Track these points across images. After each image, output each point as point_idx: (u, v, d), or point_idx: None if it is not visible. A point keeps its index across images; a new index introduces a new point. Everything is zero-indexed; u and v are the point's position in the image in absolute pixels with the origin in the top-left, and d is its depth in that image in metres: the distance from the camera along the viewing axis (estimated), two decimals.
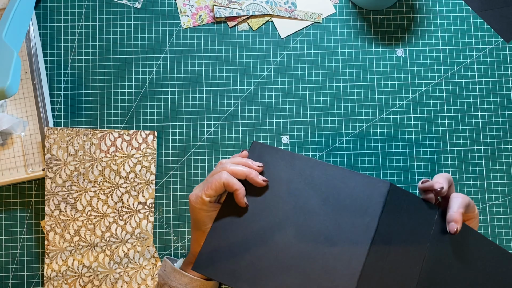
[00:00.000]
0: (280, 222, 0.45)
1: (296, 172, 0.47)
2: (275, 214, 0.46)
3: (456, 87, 0.70)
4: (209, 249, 0.45)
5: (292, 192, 0.46)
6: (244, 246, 0.45)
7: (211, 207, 0.47)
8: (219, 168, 0.47)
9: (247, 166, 0.47)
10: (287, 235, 0.45)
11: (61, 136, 0.66)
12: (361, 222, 0.44)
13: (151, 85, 0.69)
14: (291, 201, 0.46)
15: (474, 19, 0.71)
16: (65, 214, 0.66)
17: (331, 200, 0.45)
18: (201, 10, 0.70)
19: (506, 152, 0.70)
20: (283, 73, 0.70)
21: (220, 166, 0.47)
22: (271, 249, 0.44)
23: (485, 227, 0.69)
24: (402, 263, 0.43)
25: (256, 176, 0.46)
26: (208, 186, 0.46)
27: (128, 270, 0.66)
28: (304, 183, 0.46)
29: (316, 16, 0.71)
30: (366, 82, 0.70)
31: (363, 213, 0.44)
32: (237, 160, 0.48)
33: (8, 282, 0.66)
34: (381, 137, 0.69)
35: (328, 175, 0.46)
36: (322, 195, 0.46)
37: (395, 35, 0.71)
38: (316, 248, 0.44)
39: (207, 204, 0.46)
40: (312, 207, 0.45)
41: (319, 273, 0.43)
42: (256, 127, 0.69)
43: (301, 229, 0.45)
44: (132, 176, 0.67)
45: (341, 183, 0.46)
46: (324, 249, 0.44)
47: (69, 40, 0.69)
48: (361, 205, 0.45)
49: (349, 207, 0.45)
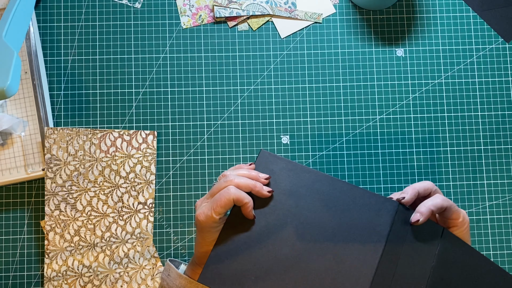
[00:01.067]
0: (288, 236, 0.45)
1: (304, 185, 0.46)
2: (282, 227, 0.45)
3: (456, 87, 0.70)
4: (215, 261, 0.45)
5: (300, 205, 0.46)
6: (251, 258, 0.44)
7: (220, 223, 0.46)
8: (224, 182, 0.45)
9: (253, 179, 0.46)
10: (294, 249, 0.44)
11: (61, 136, 0.66)
12: (369, 240, 0.44)
13: (151, 85, 0.69)
14: (298, 215, 0.45)
15: (474, 19, 0.71)
16: (65, 214, 0.65)
17: (339, 216, 0.45)
18: (201, 10, 0.70)
19: (506, 152, 0.70)
20: (283, 73, 0.70)
21: (225, 180, 0.45)
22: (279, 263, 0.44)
23: (485, 227, 0.69)
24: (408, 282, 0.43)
25: (261, 189, 0.45)
26: (217, 204, 0.44)
27: (128, 270, 0.66)
28: (312, 197, 0.46)
29: (316, 16, 0.71)
30: (366, 82, 0.70)
31: (371, 231, 0.44)
32: (242, 172, 0.46)
33: (8, 282, 0.66)
34: (381, 137, 0.69)
35: (336, 190, 0.46)
36: (329, 211, 0.45)
37: (395, 35, 0.71)
38: (324, 265, 0.43)
39: (217, 221, 0.45)
40: (320, 223, 0.45)
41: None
42: (256, 127, 0.69)
43: (309, 244, 0.44)
44: (132, 176, 0.67)
45: (350, 199, 0.45)
46: (332, 265, 0.43)
47: (69, 40, 0.69)
48: (370, 222, 0.44)
49: (357, 225, 0.44)
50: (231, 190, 0.44)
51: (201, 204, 0.46)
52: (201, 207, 0.46)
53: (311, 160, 0.69)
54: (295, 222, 0.45)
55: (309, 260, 0.44)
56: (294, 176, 0.47)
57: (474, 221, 0.69)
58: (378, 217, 0.44)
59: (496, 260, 0.68)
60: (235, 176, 0.45)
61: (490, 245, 0.68)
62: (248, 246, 0.45)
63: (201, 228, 0.46)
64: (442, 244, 0.45)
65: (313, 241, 0.44)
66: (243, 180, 0.45)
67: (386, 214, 0.44)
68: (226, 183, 0.45)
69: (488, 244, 0.68)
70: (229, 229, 0.46)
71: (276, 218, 0.45)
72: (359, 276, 0.43)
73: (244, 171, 0.46)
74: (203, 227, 0.45)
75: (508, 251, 0.68)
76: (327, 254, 0.44)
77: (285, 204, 0.46)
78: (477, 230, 0.69)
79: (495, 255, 0.68)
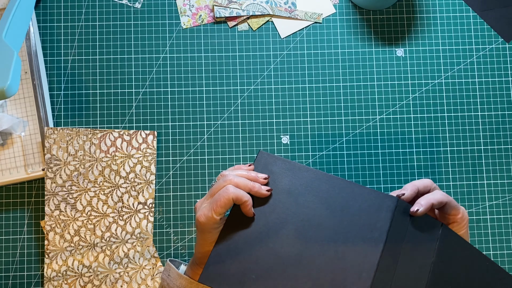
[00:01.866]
0: (288, 234, 0.45)
1: (303, 183, 0.46)
2: (282, 226, 0.45)
3: (456, 87, 0.70)
4: (216, 261, 0.45)
5: (300, 204, 0.46)
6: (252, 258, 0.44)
7: (221, 223, 0.46)
8: (222, 182, 0.45)
9: (251, 179, 0.46)
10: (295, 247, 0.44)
11: (61, 136, 0.66)
12: (370, 236, 0.44)
13: (151, 85, 0.69)
14: (298, 213, 0.45)
15: (474, 19, 0.71)
16: (65, 214, 0.65)
17: (339, 213, 0.45)
18: (201, 10, 0.70)
19: (506, 152, 0.70)
20: (283, 73, 0.70)
21: (223, 179, 0.45)
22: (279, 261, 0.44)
23: (485, 227, 0.69)
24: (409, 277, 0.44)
25: (260, 189, 0.45)
26: (217, 204, 0.44)
27: (128, 270, 0.66)
28: (311, 195, 0.46)
29: (316, 16, 0.71)
30: (366, 82, 0.70)
31: (372, 227, 0.44)
32: (240, 172, 0.46)
33: (8, 282, 0.66)
34: (381, 137, 0.69)
35: (335, 188, 0.46)
36: (329, 208, 0.45)
37: (395, 35, 0.71)
38: (325, 262, 0.44)
39: (218, 222, 0.45)
40: (320, 220, 0.45)
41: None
42: (256, 127, 0.69)
43: (310, 242, 0.44)
44: (132, 176, 0.67)
45: (349, 196, 0.45)
46: (334, 262, 0.43)
47: (69, 40, 0.69)
48: (370, 219, 0.44)
49: (357, 221, 0.45)
50: (230, 189, 0.44)
51: (201, 206, 0.46)
52: (201, 208, 0.46)
53: (311, 160, 0.69)
54: (295, 220, 0.45)
55: (310, 258, 0.44)
56: (293, 175, 0.47)
57: (474, 221, 0.69)
58: (378, 213, 0.44)
59: (496, 260, 0.68)
60: (234, 176, 0.45)
61: (490, 245, 0.68)
62: (248, 245, 0.45)
63: (202, 229, 0.46)
64: (441, 240, 0.45)
65: (314, 239, 0.44)
66: (242, 180, 0.45)
67: (386, 210, 0.44)
68: (225, 182, 0.45)
69: (488, 244, 0.68)
70: (229, 229, 0.46)
71: (276, 217, 0.46)
72: (360, 272, 0.43)
73: (242, 172, 0.46)
74: (204, 229, 0.45)
75: (508, 251, 0.68)
76: (328, 251, 0.44)
77: (285, 203, 0.46)
78: (477, 230, 0.69)
79: (495, 255, 0.68)
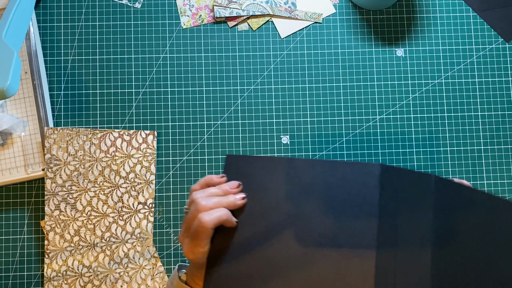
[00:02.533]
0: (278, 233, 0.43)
1: (281, 177, 0.44)
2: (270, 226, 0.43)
3: (456, 87, 0.70)
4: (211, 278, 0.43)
5: (283, 199, 0.44)
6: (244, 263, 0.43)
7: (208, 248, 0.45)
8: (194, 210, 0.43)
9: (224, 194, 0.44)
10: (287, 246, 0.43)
11: (61, 136, 0.66)
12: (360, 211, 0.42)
13: (151, 85, 0.69)
14: (284, 209, 0.43)
15: (474, 19, 0.71)
16: (65, 214, 0.66)
17: (325, 197, 0.43)
18: (201, 10, 0.70)
19: (506, 152, 0.70)
20: (283, 73, 0.70)
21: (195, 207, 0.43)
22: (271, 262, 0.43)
23: None
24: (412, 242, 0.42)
25: (234, 201, 0.43)
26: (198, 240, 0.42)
27: (128, 270, 0.66)
28: (292, 185, 0.44)
29: (316, 16, 0.71)
30: (366, 82, 0.70)
31: (362, 202, 0.42)
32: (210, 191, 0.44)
33: (8, 282, 0.66)
34: (381, 137, 0.69)
35: (315, 171, 0.44)
36: (314, 194, 0.43)
37: (395, 35, 0.71)
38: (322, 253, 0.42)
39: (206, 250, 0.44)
40: (307, 210, 0.43)
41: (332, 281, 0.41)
42: (256, 127, 0.69)
43: (302, 236, 0.43)
44: (132, 176, 0.67)
45: (331, 176, 0.43)
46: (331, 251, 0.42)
47: (69, 40, 0.69)
48: (357, 194, 0.42)
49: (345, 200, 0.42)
50: (204, 218, 0.42)
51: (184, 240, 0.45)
52: (185, 244, 0.44)
53: None
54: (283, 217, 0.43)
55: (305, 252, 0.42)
56: (270, 171, 0.45)
57: None
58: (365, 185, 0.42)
59: None
60: (204, 199, 0.43)
61: None
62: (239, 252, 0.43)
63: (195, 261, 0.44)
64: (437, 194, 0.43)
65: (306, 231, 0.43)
66: (213, 201, 0.43)
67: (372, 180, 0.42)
68: (197, 211, 0.43)
69: None
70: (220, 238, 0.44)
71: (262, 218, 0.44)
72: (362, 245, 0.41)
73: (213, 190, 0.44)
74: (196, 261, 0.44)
75: None
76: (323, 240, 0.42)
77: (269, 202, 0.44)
78: None
79: None
